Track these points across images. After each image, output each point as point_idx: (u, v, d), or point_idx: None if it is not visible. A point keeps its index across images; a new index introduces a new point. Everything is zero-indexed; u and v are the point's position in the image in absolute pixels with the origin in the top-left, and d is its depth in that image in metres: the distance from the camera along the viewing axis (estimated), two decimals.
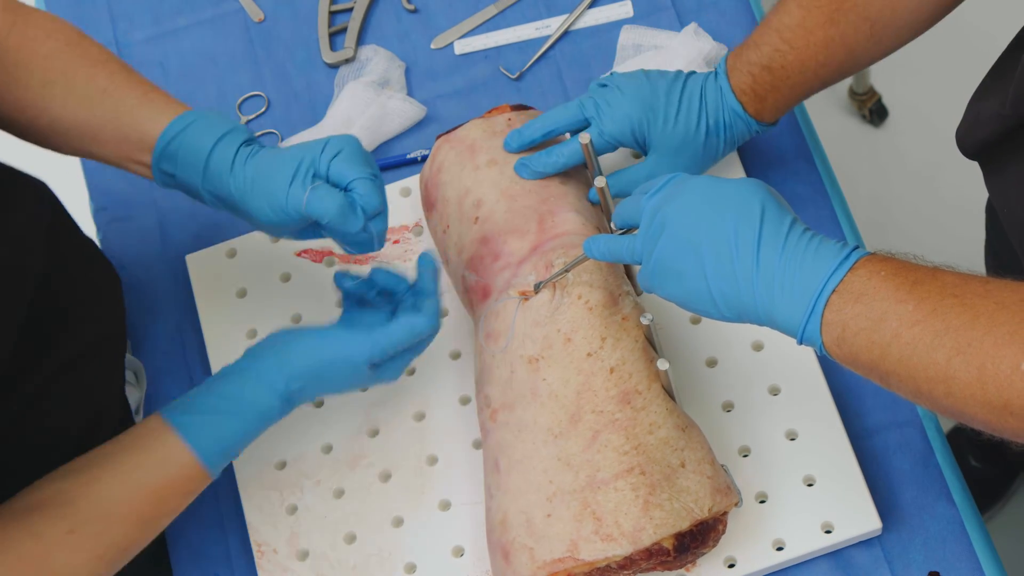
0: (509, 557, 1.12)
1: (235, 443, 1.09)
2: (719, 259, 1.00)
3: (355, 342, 1.12)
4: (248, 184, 1.12)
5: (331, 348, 1.11)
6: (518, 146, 1.24)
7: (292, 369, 1.10)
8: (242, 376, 1.10)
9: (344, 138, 1.13)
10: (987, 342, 0.90)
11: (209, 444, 1.08)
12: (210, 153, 1.13)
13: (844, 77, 1.22)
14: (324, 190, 1.10)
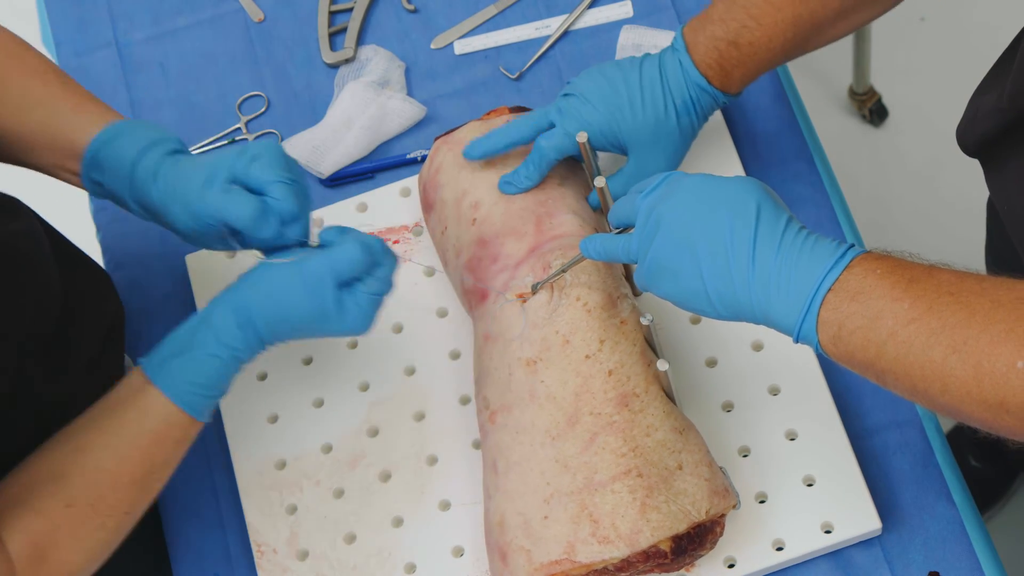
0: (506, 559, 1.12)
1: (210, 381, 1.07)
2: (715, 257, 1.00)
3: (310, 259, 1.08)
4: (168, 191, 1.11)
5: (286, 268, 1.08)
6: (480, 154, 1.23)
7: (247, 294, 1.07)
8: (203, 313, 1.08)
9: (264, 144, 1.11)
10: (983, 340, 0.90)
11: (183, 387, 1.07)
12: (136, 162, 1.12)
13: (809, 51, 1.22)
14: (237, 194, 1.08)
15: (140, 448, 1.07)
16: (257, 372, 1.29)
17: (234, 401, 1.28)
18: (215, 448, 1.29)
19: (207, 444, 1.30)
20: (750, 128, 1.36)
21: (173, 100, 1.45)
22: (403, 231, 1.34)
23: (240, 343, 1.08)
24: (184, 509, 1.28)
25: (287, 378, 1.29)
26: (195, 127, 1.44)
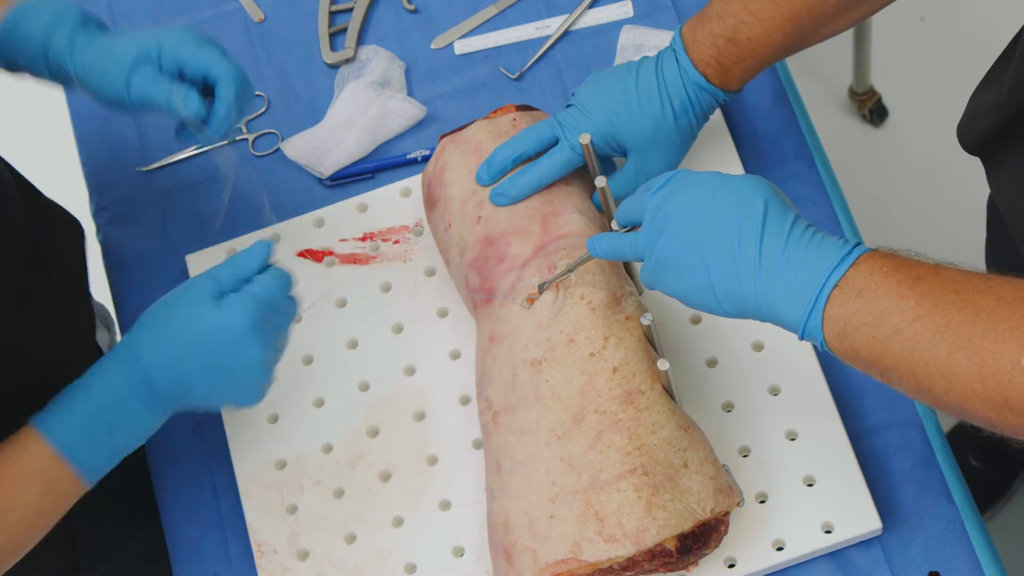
0: (512, 559, 1.12)
1: (98, 433, 1.06)
2: (721, 254, 1.00)
3: (194, 281, 1.09)
4: (89, 70, 1.14)
5: (172, 297, 1.08)
6: (490, 177, 1.23)
7: (145, 348, 1.07)
8: (95, 366, 1.08)
9: (179, 31, 1.14)
10: (988, 338, 0.90)
11: (70, 435, 1.05)
12: (47, 40, 1.15)
13: (808, 46, 1.22)
14: (180, 90, 1.12)
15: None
16: None
17: None
18: (215, 448, 1.29)
19: (207, 444, 1.30)
20: (750, 128, 1.36)
21: None
22: (403, 231, 1.34)
23: (137, 402, 1.07)
24: (184, 509, 1.28)
25: (287, 378, 1.29)
26: None
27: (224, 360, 1.07)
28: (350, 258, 1.33)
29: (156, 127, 1.44)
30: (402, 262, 1.33)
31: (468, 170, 1.25)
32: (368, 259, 1.33)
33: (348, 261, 1.33)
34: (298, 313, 1.12)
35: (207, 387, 1.07)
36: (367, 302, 1.31)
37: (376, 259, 1.33)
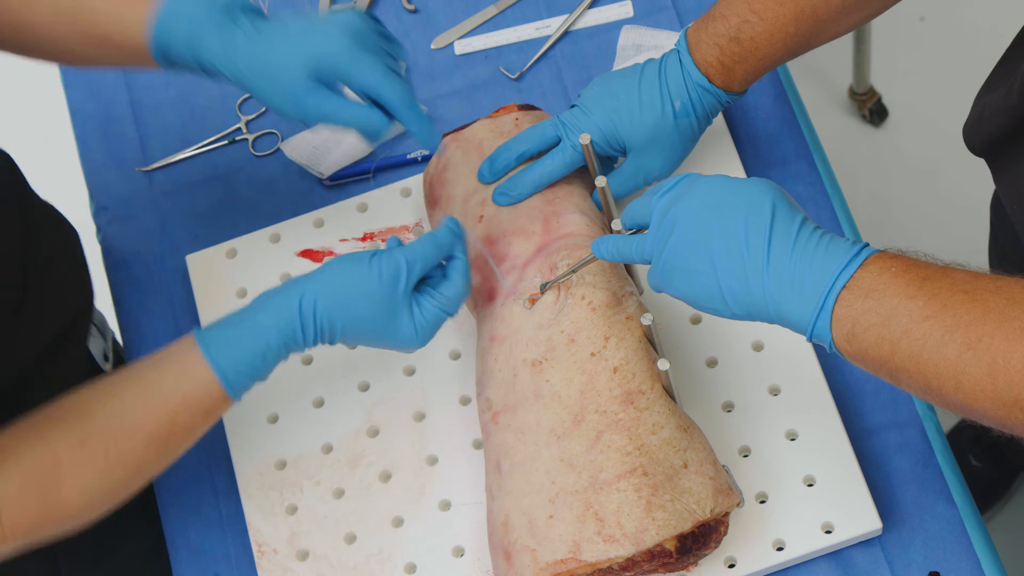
0: (511, 559, 1.12)
1: (254, 360, 1.07)
2: (729, 257, 1.00)
3: (385, 253, 1.09)
4: (251, 81, 1.11)
5: (360, 260, 1.09)
6: (492, 175, 1.24)
7: (316, 282, 1.08)
8: (269, 292, 1.09)
9: (336, 37, 1.10)
10: (998, 337, 0.90)
11: (227, 359, 1.07)
12: (199, 51, 1.12)
13: (812, 48, 1.21)
14: (348, 105, 1.10)
15: (168, 407, 1.06)
16: None
17: None
18: (215, 448, 1.29)
19: (207, 444, 1.30)
20: (750, 128, 1.36)
21: (173, 100, 1.45)
22: (403, 231, 1.34)
23: (295, 331, 1.08)
24: (184, 509, 1.28)
25: (287, 378, 1.29)
26: (195, 127, 1.44)
27: (390, 343, 1.10)
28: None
29: (156, 127, 1.44)
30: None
31: (470, 169, 1.25)
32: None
33: None
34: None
35: (368, 340, 1.10)
36: None
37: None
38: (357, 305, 1.09)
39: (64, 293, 1.23)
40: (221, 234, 1.37)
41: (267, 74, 1.10)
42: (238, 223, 1.38)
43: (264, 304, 1.08)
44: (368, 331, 1.10)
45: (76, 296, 1.27)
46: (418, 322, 1.10)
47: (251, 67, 1.11)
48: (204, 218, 1.39)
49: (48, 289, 1.20)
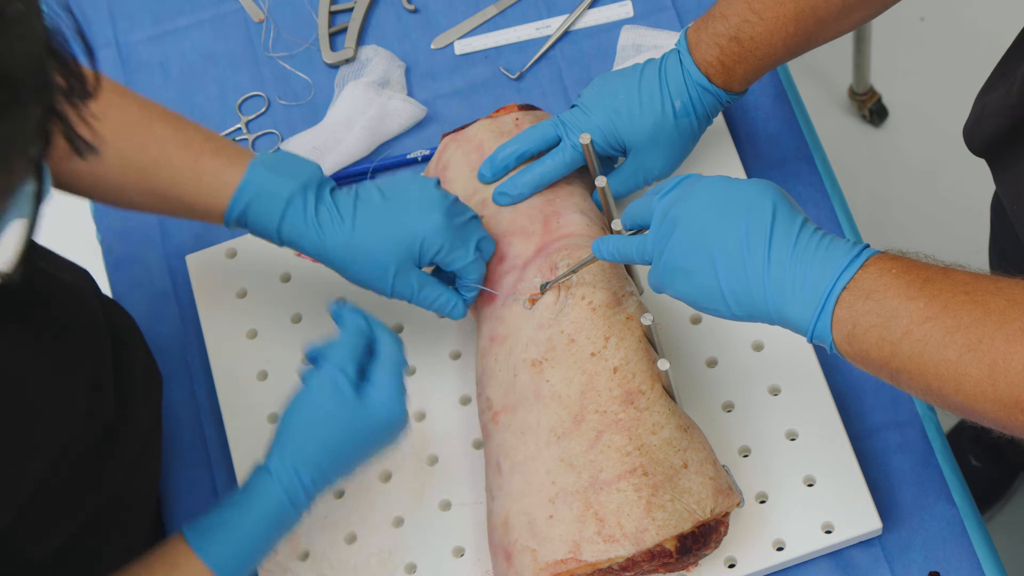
0: (511, 559, 1.12)
1: (250, 550, 1.06)
2: (730, 257, 1.00)
3: (324, 377, 1.08)
4: (340, 263, 1.16)
5: (308, 400, 1.08)
6: (492, 175, 1.24)
7: (297, 458, 1.07)
8: (250, 480, 1.07)
9: (436, 225, 1.15)
10: (998, 338, 0.90)
11: (223, 556, 1.05)
12: (279, 231, 1.15)
13: (812, 48, 1.21)
14: (436, 290, 1.17)
15: None
16: (257, 372, 1.29)
17: (234, 401, 1.28)
18: (215, 448, 1.29)
19: (207, 444, 1.30)
20: (750, 128, 1.36)
21: (173, 100, 1.45)
22: None
23: (294, 513, 1.07)
24: (184, 509, 1.28)
25: (287, 378, 1.29)
26: None
27: (377, 442, 1.09)
28: None
29: None
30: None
31: (470, 168, 1.25)
32: None
33: None
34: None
35: (355, 467, 1.10)
36: (367, 302, 1.31)
37: None
38: (328, 432, 1.07)
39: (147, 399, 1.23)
40: (221, 234, 1.37)
41: (359, 259, 1.15)
42: None
43: (248, 496, 1.06)
44: (353, 442, 1.08)
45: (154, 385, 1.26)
46: (383, 396, 1.08)
47: (341, 251, 1.15)
48: None
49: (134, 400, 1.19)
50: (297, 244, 1.16)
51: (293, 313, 1.31)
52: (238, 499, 1.07)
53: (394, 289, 1.17)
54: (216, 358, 1.31)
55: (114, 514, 1.13)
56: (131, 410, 1.15)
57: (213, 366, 1.30)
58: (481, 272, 1.18)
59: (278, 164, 1.15)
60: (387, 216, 1.15)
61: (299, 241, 1.16)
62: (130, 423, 1.14)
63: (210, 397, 1.31)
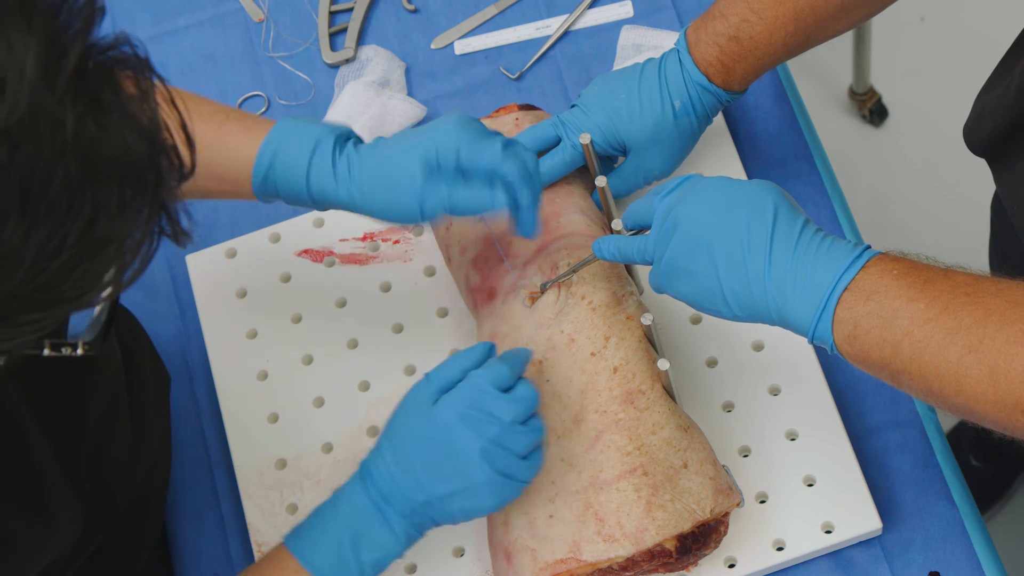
0: (511, 558, 1.12)
1: (338, 547, 1.06)
2: (731, 258, 1.00)
3: (417, 388, 1.06)
4: (366, 196, 1.10)
5: (399, 408, 1.07)
6: None
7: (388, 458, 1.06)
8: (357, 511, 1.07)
9: (449, 129, 1.08)
10: (999, 340, 0.90)
11: (317, 554, 1.06)
12: (308, 178, 1.11)
13: (811, 47, 1.21)
14: (473, 190, 1.08)
15: None
16: (257, 372, 1.29)
17: (234, 401, 1.28)
18: (215, 448, 1.29)
19: (207, 444, 1.30)
20: (751, 128, 1.36)
21: None
22: (403, 231, 1.34)
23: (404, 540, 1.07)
24: (184, 509, 1.28)
25: (287, 378, 1.29)
26: None
27: (444, 462, 1.05)
28: (350, 258, 1.33)
29: None
30: (402, 262, 1.33)
31: None
32: (368, 259, 1.33)
33: (348, 261, 1.33)
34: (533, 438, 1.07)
35: (439, 494, 1.05)
36: (367, 302, 1.31)
37: (376, 259, 1.33)
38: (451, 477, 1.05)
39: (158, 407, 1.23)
40: (221, 234, 1.37)
41: (378, 192, 1.09)
42: (238, 223, 1.38)
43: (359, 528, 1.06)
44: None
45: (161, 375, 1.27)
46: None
47: (362, 189, 1.10)
48: (204, 218, 1.39)
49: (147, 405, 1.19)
50: (326, 189, 1.11)
51: (293, 313, 1.31)
52: (328, 504, 1.08)
53: (423, 202, 1.08)
54: (216, 358, 1.31)
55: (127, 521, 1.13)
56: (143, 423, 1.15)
57: (213, 366, 1.30)
58: (522, 167, 1.08)
59: (305, 118, 1.14)
60: (405, 136, 1.11)
61: (326, 186, 1.10)
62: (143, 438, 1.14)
63: (210, 397, 1.31)
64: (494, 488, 1.05)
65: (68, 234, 0.70)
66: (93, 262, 0.72)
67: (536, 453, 1.06)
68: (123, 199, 0.72)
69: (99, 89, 0.71)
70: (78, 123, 0.69)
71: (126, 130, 0.72)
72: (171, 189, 0.76)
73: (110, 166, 0.71)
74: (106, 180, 0.71)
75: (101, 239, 0.72)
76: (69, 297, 0.73)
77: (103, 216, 0.71)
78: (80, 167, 0.69)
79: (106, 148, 0.71)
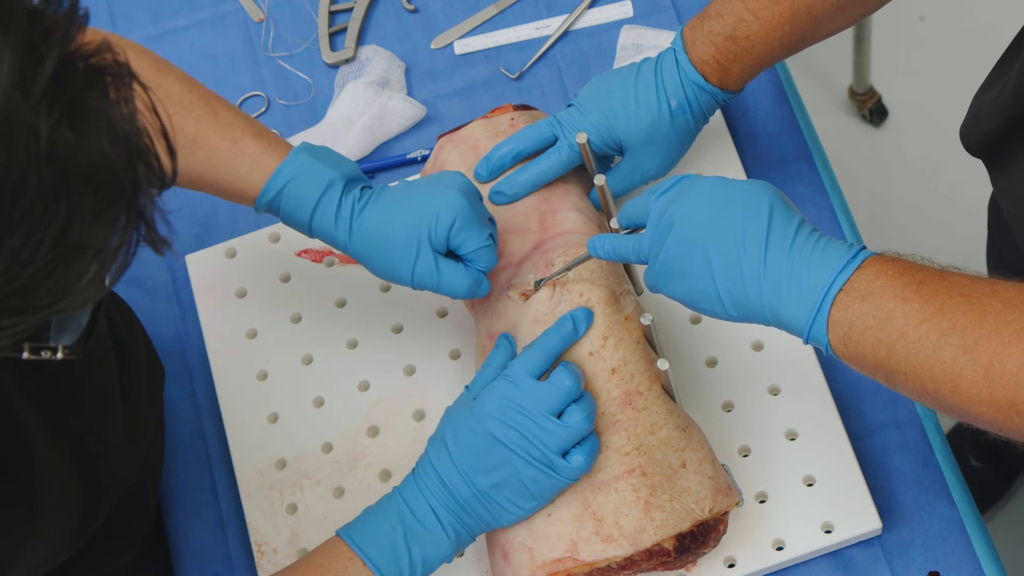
0: (508, 557, 1.12)
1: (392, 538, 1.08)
2: (726, 258, 1.00)
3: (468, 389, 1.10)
4: (363, 252, 1.14)
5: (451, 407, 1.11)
6: (488, 174, 1.24)
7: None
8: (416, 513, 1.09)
9: (453, 202, 1.12)
10: (994, 340, 0.90)
11: (371, 543, 1.08)
12: (312, 216, 1.14)
13: (808, 46, 1.21)
14: (451, 273, 1.13)
15: None
16: (257, 372, 1.29)
17: (234, 401, 1.28)
18: (215, 448, 1.29)
19: (207, 444, 1.30)
20: (750, 128, 1.36)
21: None
22: None
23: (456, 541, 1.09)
24: (184, 509, 1.28)
25: (287, 378, 1.29)
26: None
27: (485, 456, 1.08)
28: (350, 258, 1.33)
29: None
30: None
31: (466, 169, 1.25)
32: None
33: (348, 261, 1.33)
34: None
35: (482, 486, 1.08)
36: (367, 302, 1.31)
37: None
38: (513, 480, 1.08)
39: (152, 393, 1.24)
40: (221, 234, 1.37)
41: (380, 242, 1.13)
42: (238, 223, 1.38)
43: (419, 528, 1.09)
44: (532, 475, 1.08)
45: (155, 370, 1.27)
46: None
47: (366, 237, 1.13)
48: (204, 218, 1.39)
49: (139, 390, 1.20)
50: (328, 233, 1.14)
51: (293, 313, 1.31)
52: (385, 498, 1.11)
53: (415, 272, 1.13)
54: (216, 358, 1.31)
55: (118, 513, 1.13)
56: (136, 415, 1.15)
57: (213, 366, 1.30)
58: (494, 260, 1.15)
59: (322, 154, 1.15)
60: (407, 197, 1.14)
61: (330, 230, 1.14)
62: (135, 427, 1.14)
63: (210, 397, 1.31)
64: (536, 481, 1.07)
65: (42, 241, 0.70)
66: (68, 269, 0.72)
67: (583, 446, 1.08)
68: (99, 206, 0.72)
69: (79, 96, 0.71)
70: (53, 131, 0.69)
71: (104, 137, 0.71)
72: (150, 197, 0.76)
73: (86, 173, 0.71)
74: (82, 187, 0.71)
75: (76, 246, 0.71)
76: (43, 304, 0.72)
77: (78, 223, 0.71)
78: (55, 174, 0.69)
79: (82, 155, 0.70)
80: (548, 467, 1.07)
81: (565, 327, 1.11)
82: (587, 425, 1.07)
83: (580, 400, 1.08)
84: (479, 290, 1.14)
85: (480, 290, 1.14)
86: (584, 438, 1.08)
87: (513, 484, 1.07)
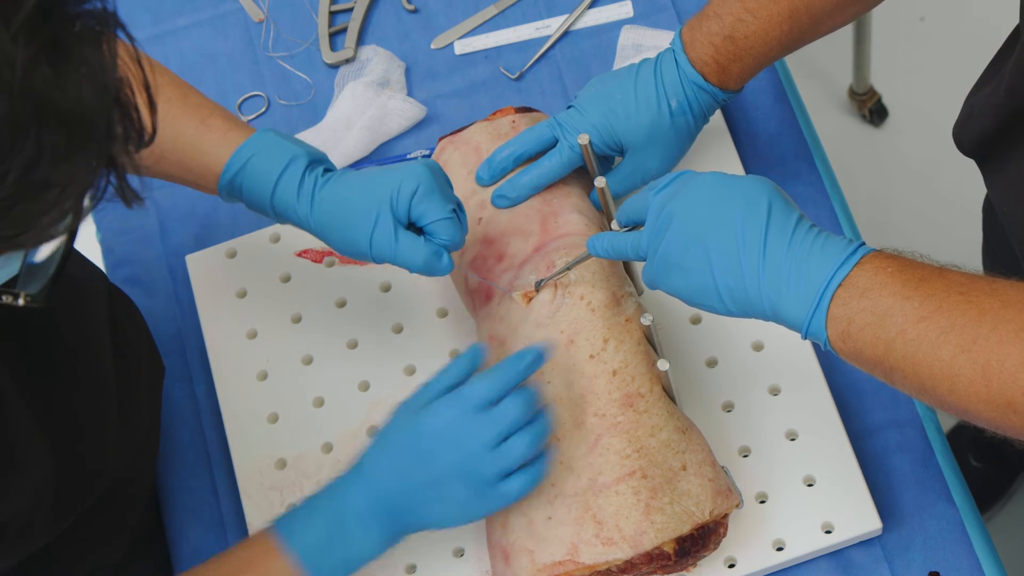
0: (509, 559, 1.12)
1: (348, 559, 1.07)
2: (725, 254, 1.00)
3: (418, 392, 1.08)
4: (324, 223, 1.13)
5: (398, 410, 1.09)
6: (490, 177, 1.24)
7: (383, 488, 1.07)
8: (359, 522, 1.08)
9: (416, 171, 1.11)
10: (992, 339, 0.90)
11: (305, 539, 1.06)
12: (274, 188, 1.13)
13: (807, 43, 1.21)
14: (407, 242, 1.11)
15: None
16: (257, 372, 1.29)
17: (234, 401, 1.28)
18: (215, 448, 1.29)
19: (207, 444, 1.30)
20: (750, 128, 1.36)
21: None
22: None
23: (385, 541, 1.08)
24: (184, 509, 1.28)
25: (287, 378, 1.29)
26: None
27: (420, 470, 1.06)
28: (350, 258, 1.33)
29: None
30: None
31: (468, 171, 1.25)
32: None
33: (348, 261, 1.33)
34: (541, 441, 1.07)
35: (415, 500, 1.06)
36: (367, 302, 1.31)
37: None
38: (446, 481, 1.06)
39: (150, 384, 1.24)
40: (221, 234, 1.37)
41: (337, 211, 1.12)
42: (238, 223, 1.38)
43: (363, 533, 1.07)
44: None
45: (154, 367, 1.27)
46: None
47: (325, 207, 1.12)
48: (204, 218, 1.39)
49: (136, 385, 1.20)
50: (289, 206, 1.14)
51: (293, 313, 1.31)
52: (322, 494, 1.09)
53: (373, 240, 1.11)
54: (216, 358, 1.31)
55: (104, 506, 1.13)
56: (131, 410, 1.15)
57: (213, 366, 1.30)
58: (456, 235, 1.12)
59: (288, 136, 1.16)
60: (372, 172, 1.14)
61: (291, 203, 1.13)
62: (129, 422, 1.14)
63: (210, 397, 1.31)
64: (464, 503, 1.06)
65: (8, 171, 0.71)
66: (33, 203, 0.72)
67: (526, 470, 1.06)
68: (70, 146, 0.72)
69: (61, 35, 0.71)
70: (30, 64, 0.70)
71: (83, 79, 0.72)
72: (127, 151, 0.76)
73: (60, 111, 0.71)
74: (54, 124, 0.71)
75: (43, 181, 0.72)
76: (5, 235, 0.73)
77: (47, 159, 0.71)
78: (27, 106, 0.70)
79: (57, 93, 0.71)
80: (479, 493, 1.06)
81: (524, 360, 1.07)
82: (528, 452, 1.06)
83: (529, 426, 1.06)
84: (439, 265, 1.12)
85: (440, 265, 1.12)
86: (530, 462, 1.07)
87: (447, 499, 1.06)
